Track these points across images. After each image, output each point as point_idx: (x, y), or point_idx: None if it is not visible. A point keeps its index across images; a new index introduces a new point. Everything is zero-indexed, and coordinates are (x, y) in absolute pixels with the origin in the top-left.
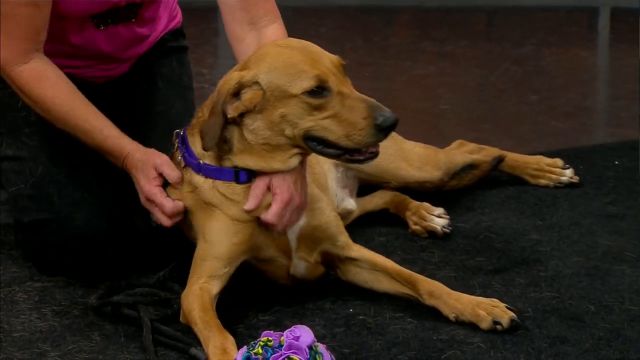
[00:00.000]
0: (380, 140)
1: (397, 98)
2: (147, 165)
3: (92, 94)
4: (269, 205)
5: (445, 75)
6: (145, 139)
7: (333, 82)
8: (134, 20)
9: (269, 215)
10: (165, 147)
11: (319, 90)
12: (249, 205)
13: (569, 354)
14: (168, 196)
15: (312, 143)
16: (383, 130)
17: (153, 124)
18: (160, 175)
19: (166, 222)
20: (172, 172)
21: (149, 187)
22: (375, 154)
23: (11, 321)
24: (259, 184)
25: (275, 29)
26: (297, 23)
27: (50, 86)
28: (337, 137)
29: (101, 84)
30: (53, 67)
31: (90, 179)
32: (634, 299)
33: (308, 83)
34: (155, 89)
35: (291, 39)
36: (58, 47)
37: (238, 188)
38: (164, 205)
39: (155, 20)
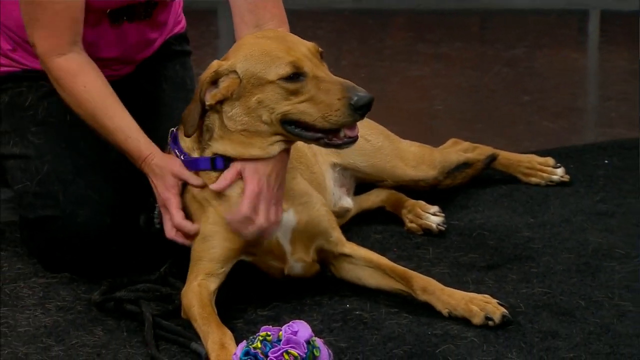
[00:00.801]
0: (357, 120)
1: (393, 99)
2: (165, 171)
3: None
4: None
5: (439, 76)
6: None
7: (308, 67)
8: (148, 19)
9: (243, 208)
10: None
11: (295, 75)
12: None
13: (560, 348)
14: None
15: (290, 127)
16: (358, 110)
17: (157, 124)
18: (179, 182)
19: (169, 233)
20: (192, 176)
21: (166, 194)
22: (353, 139)
23: (16, 316)
24: (231, 169)
25: None
26: (294, 25)
27: (84, 81)
28: (314, 119)
29: None
30: (91, 63)
31: (95, 177)
32: (623, 295)
33: (283, 69)
34: (159, 90)
35: (269, 29)
36: None
37: (214, 176)
38: (174, 216)
39: (165, 25)
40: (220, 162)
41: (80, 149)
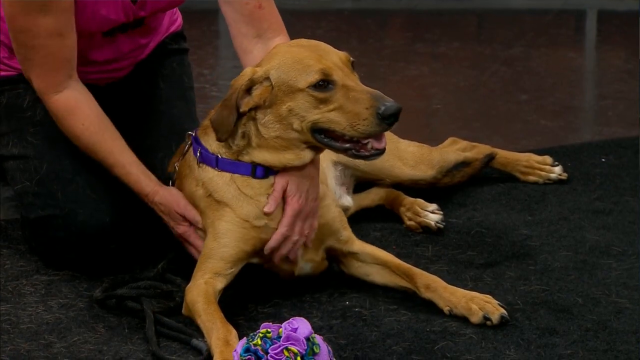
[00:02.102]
0: (384, 130)
1: (392, 97)
2: (169, 209)
3: (94, 96)
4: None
5: (437, 75)
6: (147, 138)
7: (338, 76)
8: (140, 27)
9: (281, 228)
10: (166, 145)
11: (324, 83)
12: (269, 207)
13: (558, 345)
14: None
15: (319, 136)
16: (385, 119)
17: (155, 123)
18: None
19: (197, 256)
20: (196, 217)
21: (181, 229)
22: (380, 152)
23: (18, 313)
24: (278, 188)
25: (280, 41)
26: (294, 25)
27: (80, 119)
28: (343, 128)
29: (103, 85)
30: (86, 97)
31: (93, 176)
32: (620, 292)
33: (313, 77)
34: (157, 89)
35: (301, 39)
36: None
37: (255, 183)
38: (199, 247)
39: (157, 29)
40: (261, 172)
41: (78, 149)
